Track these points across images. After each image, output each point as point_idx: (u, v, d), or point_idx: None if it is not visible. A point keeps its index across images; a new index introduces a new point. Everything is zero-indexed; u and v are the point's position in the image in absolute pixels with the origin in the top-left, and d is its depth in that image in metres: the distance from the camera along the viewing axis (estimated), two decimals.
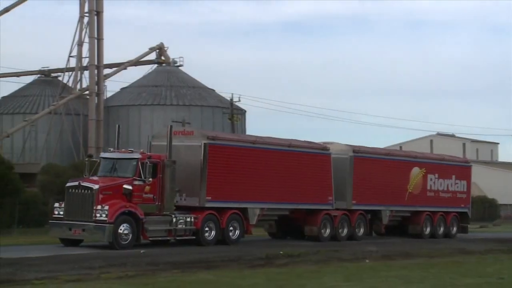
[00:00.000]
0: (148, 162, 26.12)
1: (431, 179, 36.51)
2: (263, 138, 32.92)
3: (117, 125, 29.45)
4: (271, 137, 31.57)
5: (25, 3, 57.64)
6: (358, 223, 32.59)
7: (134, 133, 56.22)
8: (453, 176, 37.85)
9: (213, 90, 63.92)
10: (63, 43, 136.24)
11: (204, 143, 27.57)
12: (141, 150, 27.74)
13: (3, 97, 62.48)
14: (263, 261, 22.37)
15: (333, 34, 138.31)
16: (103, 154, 28.09)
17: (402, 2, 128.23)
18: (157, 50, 64.34)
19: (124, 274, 18.62)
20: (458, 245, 30.85)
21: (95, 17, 55.62)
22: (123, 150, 27.79)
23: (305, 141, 32.43)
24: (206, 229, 27.60)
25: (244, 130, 61.33)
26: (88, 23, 55.58)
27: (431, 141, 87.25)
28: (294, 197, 30.67)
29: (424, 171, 36.19)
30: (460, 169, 38.85)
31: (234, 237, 28.45)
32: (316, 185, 31.31)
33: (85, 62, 56.31)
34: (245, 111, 63.14)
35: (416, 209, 35.59)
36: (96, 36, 55.44)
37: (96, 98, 56.23)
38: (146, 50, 64.20)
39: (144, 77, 63.95)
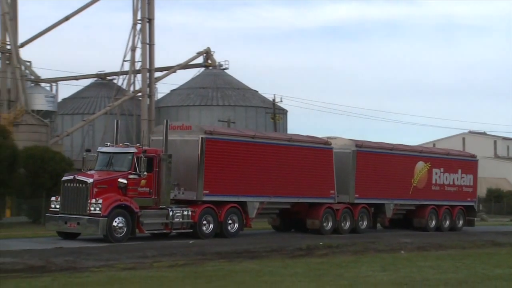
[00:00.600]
0: (143, 156, 24.99)
1: (436, 173, 35.38)
2: (262, 133, 32.26)
3: (115, 120, 28.36)
4: (272, 132, 30.71)
5: (83, 12, 58.53)
6: (361, 216, 31.65)
7: None
8: (459, 170, 36.65)
9: (257, 91, 64.02)
10: (118, 49, 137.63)
11: (202, 138, 26.45)
12: (137, 144, 26.58)
13: (64, 99, 63.59)
14: (304, 252, 22.34)
15: (370, 38, 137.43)
16: (100, 149, 26.65)
17: (435, 7, 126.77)
18: (204, 54, 64.75)
19: (175, 263, 18.79)
20: (490, 237, 30.45)
21: (147, 24, 56.22)
22: (120, 144, 26.66)
23: (306, 136, 31.39)
24: (204, 222, 26.50)
25: (286, 129, 61.32)
26: (140, 29, 56.21)
27: (463, 139, 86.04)
28: (294, 191, 29.50)
29: (429, 165, 35.09)
30: (466, 163, 37.57)
31: (232, 230, 27.24)
32: (317, 179, 30.23)
33: (137, 66, 57.00)
34: (287, 111, 63.14)
35: (421, 202, 34.57)
36: (148, 41, 56.05)
37: (148, 99, 56.88)
38: (194, 54, 64.77)
39: (192, 79, 64.40)
